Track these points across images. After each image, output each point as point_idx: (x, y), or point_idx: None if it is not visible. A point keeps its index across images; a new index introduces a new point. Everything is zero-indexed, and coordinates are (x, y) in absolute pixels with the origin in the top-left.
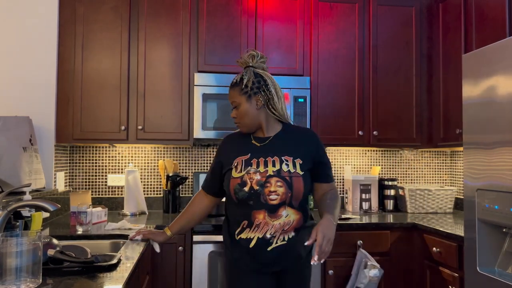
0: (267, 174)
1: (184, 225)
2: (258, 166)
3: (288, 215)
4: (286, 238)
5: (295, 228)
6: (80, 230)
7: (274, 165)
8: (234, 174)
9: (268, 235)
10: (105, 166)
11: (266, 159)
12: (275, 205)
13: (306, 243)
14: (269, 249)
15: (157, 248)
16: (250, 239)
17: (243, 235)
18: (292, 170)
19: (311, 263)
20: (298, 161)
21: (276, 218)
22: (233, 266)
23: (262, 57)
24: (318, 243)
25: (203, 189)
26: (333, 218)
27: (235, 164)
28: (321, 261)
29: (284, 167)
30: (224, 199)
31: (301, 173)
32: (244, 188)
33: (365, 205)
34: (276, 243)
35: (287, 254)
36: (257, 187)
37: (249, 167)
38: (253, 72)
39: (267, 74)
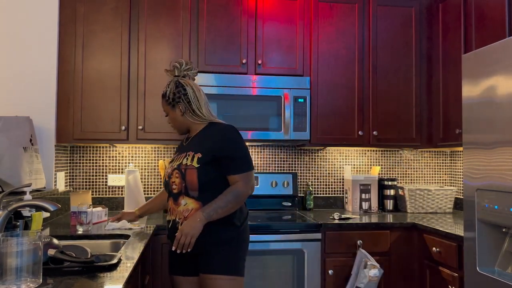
0: (173, 168)
1: (150, 208)
2: (173, 161)
3: (187, 204)
4: None
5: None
6: (80, 230)
7: (179, 160)
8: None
9: (177, 219)
10: (106, 166)
11: (180, 155)
12: (175, 193)
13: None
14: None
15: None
16: (169, 221)
17: (167, 217)
18: (189, 163)
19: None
20: (198, 155)
21: (178, 206)
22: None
23: (187, 64)
24: (176, 237)
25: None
26: (200, 216)
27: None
28: (182, 251)
29: (184, 161)
30: None
31: (197, 165)
32: (164, 179)
33: (365, 205)
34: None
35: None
36: (167, 179)
37: (172, 162)
38: (175, 83)
39: (188, 82)
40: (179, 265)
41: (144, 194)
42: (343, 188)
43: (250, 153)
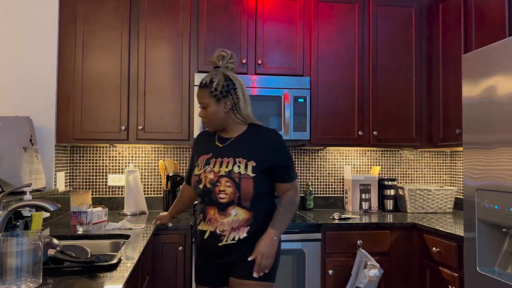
0: (219, 174)
1: (179, 208)
2: (214, 166)
3: (237, 214)
4: (236, 238)
5: (244, 226)
6: (80, 230)
7: (227, 166)
8: (196, 171)
9: (218, 231)
10: (106, 166)
11: (223, 159)
12: (224, 203)
13: (249, 259)
14: (220, 244)
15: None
16: (204, 231)
17: (199, 227)
18: (243, 172)
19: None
20: (251, 163)
21: (225, 216)
22: (196, 251)
23: (231, 57)
24: (257, 262)
25: (186, 182)
26: (274, 233)
27: (198, 162)
28: (261, 274)
29: (236, 169)
30: None
31: (252, 175)
32: (200, 186)
33: (365, 205)
34: (226, 241)
35: (235, 253)
36: (209, 186)
37: (207, 166)
38: (222, 74)
39: (236, 77)
40: (209, 275)
41: (144, 194)
42: (343, 188)
43: None
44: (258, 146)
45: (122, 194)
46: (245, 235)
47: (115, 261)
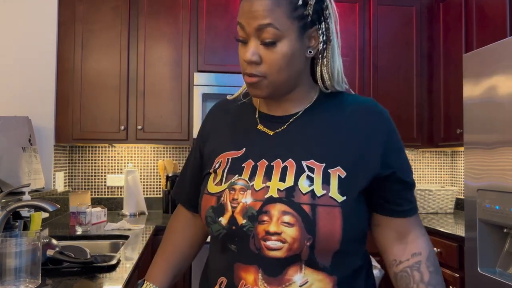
0: (266, 196)
1: (172, 268)
2: (253, 176)
3: (308, 283)
4: None
5: None
6: (79, 231)
7: (284, 179)
8: (210, 185)
9: None
10: (105, 166)
11: (272, 163)
12: (279, 259)
13: None
14: None
15: None
16: None
17: None
18: (321, 193)
19: None
20: (338, 172)
21: (281, 285)
22: None
23: None
24: None
25: (181, 203)
26: None
27: (217, 164)
28: None
29: (304, 184)
30: None
31: (341, 199)
32: (221, 219)
33: None
34: None
35: None
36: (244, 221)
37: (237, 176)
38: None
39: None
40: None
41: (144, 194)
42: None
43: None
44: (349, 134)
45: (121, 195)
46: None
47: (114, 261)
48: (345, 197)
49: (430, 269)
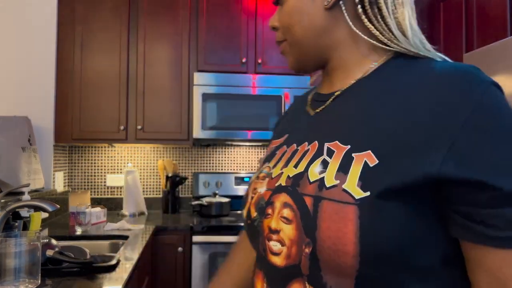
0: (277, 184)
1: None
2: (278, 163)
3: None
4: None
5: None
6: (79, 231)
7: (298, 163)
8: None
9: None
10: (104, 166)
11: (299, 147)
12: (280, 270)
13: None
14: None
15: None
16: None
17: None
18: (332, 183)
19: None
20: (365, 158)
21: None
22: None
23: None
24: None
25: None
26: None
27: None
28: None
29: (315, 171)
30: None
31: (360, 194)
32: (243, 211)
33: None
34: None
35: None
36: (255, 214)
37: (266, 164)
38: None
39: None
40: None
41: (143, 194)
42: None
43: (250, 154)
44: (404, 111)
45: (121, 195)
46: None
47: (114, 262)
48: (368, 193)
49: None
